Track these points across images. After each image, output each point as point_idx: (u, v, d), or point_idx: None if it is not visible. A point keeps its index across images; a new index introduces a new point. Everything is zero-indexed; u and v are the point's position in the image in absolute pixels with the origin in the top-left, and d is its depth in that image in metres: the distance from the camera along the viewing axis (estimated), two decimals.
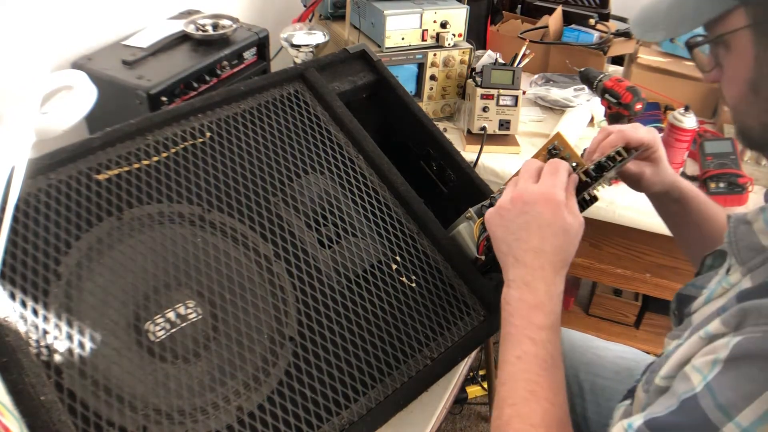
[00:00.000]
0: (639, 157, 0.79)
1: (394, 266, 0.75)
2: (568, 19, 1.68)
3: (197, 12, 1.32)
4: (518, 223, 0.62)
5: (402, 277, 0.75)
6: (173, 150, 0.73)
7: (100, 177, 0.68)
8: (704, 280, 0.64)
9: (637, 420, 0.50)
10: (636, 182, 0.81)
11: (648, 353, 1.01)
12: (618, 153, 0.72)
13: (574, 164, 0.73)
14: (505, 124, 1.33)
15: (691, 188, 0.83)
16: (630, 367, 0.94)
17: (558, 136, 0.76)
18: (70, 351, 0.57)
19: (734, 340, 0.47)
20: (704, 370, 0.48)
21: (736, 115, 0.58)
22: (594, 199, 0.77)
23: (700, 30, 0.58)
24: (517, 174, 0.77)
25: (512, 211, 0.62)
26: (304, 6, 1.53)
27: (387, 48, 1.32)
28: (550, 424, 0.55)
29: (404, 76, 1.36)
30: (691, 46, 0.61)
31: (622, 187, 1.25)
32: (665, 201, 0.83)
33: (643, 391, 0.60)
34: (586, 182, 0.70)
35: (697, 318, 0.60)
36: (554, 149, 0.76)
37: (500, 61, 1.47)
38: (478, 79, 1.33)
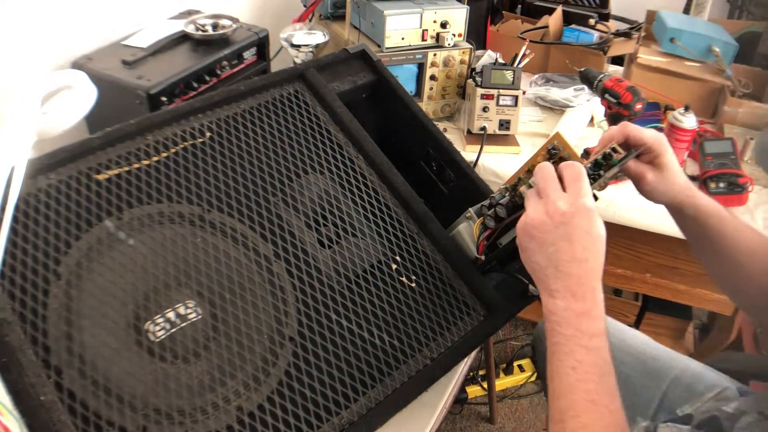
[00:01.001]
0: (642, 160, 0.77)
1: (394, 266, 0.75)
2: (568, 19, 1.68)
3: (197, 12, 1.32)
4: (557, 234, 0.61)
5: (402, 277, 0.75)
6: (173, 150, 0.73)
7: (100, 177, 0.68)
8: None
9: None
10: (638, 185, 0.78)
11: None
12: (614, 149, 0.72)
13: None
14: (505, 124, 1.33)
15: (710, 205, 0.77)
16: (657, 367, 0.92)
17: (557, 136, 0.76)
18: (70, 351, 0.57)
19: None
20: None
21: None
22: (594, 198, 0.77)
23: None
24: (521, 175, 0.77)
25: (549, 223, 0.61)
26: (304, 6, 1.53)
27: (387, 48, 1.32)
28: (609, 429, 0.56)
29: (404, 76, 1.36)
30: None
31: (622, 187, 1.25)
32: (680, 216, 0.79)
33: None
34: None
35: None
36: (554, 149, 0.76)
37: (500, 61, 1.47)
38: (478, 79, 1.33)
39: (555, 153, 0.75)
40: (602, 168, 0.71)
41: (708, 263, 0.83)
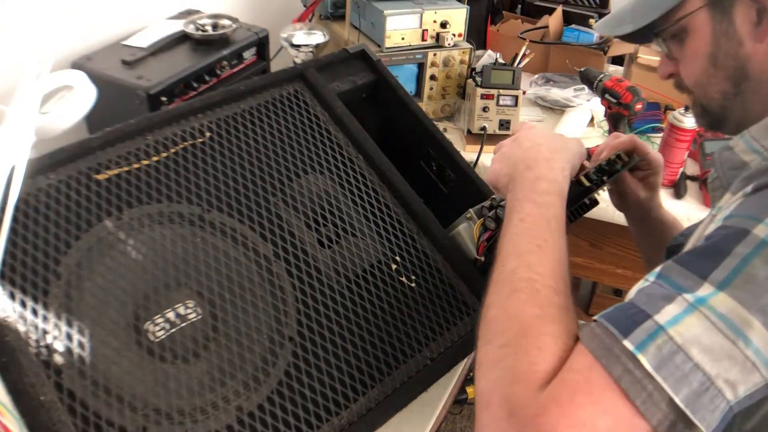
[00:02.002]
0: (636, 175, 0.81)
1: (394, 266, 0.75)
2: (568, 19, 1.68)
3: (197, 12, 1.31)
4: (512, 152, 0.68)
5: (402, 277, 0.74)
6: (173, 150, 0.73)
7: (100, 177, 0.68)
8: (690, 229, 0.67)
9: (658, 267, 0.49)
10: (623, 195, 0.83)
11: None
12: (618, 156, 0.73)
13: None
14: (505, 124, 1.33)
15: (673, 222, 0.85)
16: None
17: None
18: (69, 351, 0.57)
19: (750, 187, 0.49)
20: (724, 211, 0.49)
21: (697, 91, 0.63)
22: (595, 202, 0.78)
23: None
24: None
25: (504, 151, 0.69)
26: (304, 6, 1.53)
27: (387, 48, 1.32)
28: (557, 278, 0.53)
29: (404, 76, 1.36)
30: (657, 35, 0.64)
31: None
32: (641, 226, 0.87)
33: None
34: (589, 187, 0.70)
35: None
36: None
37: (500, 61, 1.47)
38: (478, 79, 1.33)
39: None
40: (605, 174, 0.72)
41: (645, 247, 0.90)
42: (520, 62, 1.40)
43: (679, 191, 1.24)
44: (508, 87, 1.32)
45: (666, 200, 1.22)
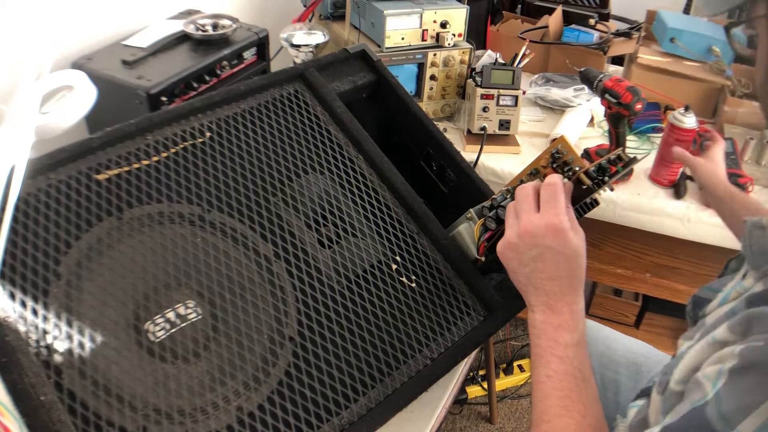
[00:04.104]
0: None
1: (394, 266, 0.75)
2: (568, 19, 1.68)
3: (197, 12, 1.32)
4: (530, 256, 0.64)
5: (402, 277, 0.74)
6: (173, 150, 0.73)
7: (100, 177, 0.68)
8: (720, 283, 0.64)
9: (655, 429, 0.50)
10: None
11: None
12: (619, 157, 0.72)
13: (576, 168, 0.73)
14: (505, 124, 1.33)
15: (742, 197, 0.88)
16: (638, 362, 0.95)
17: (562, 139, 0.76)
18: (69, 351, 0.57)
19: (738, 348, 0.48)
20: (713, 379, 0.49)
21: (760, 100, 0.58)
22: (595, 202, 0.77)
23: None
24: (522, 177, 0.77)
25: (522, 245, 0.64)
26: (304, 6, 1.53)
27: (387, 48, 1.32)
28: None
29: (404, 76, 1.36)
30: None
31: (622, 187, 1.25)
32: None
33: (658, 393, 0.60)
34: (590, 188, 0.70)
35: (710, 320, 0.60)
36: (557, 153, 0.76)
37: (500, 61, 1.47)
38: (478, 79, 1.33)
39: (558, 157, 0.75)
40: (606, 173, 0.72)
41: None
42: (520, 62, 1.40)
43: (679, 191, 1.24)
44: (508, 87, 1.32)
45: (666, 200, 1.23)
